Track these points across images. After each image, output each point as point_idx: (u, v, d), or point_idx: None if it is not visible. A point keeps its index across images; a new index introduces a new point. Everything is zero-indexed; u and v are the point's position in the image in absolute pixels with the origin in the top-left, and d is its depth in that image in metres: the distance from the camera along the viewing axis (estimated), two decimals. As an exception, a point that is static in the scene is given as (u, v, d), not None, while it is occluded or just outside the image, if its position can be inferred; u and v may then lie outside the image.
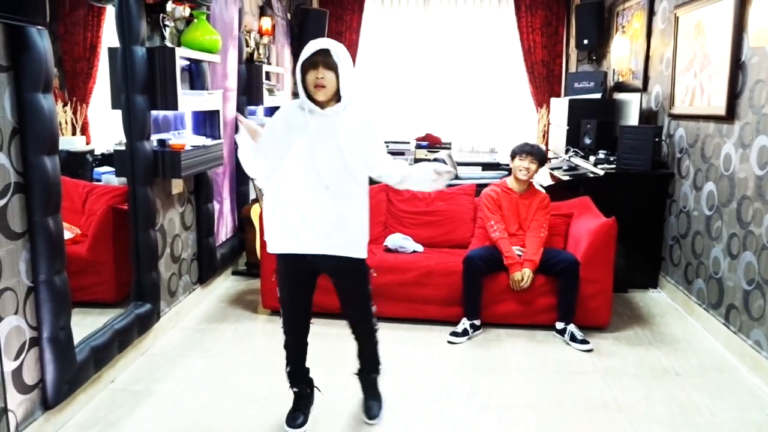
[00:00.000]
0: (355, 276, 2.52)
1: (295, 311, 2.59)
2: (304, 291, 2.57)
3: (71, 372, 2.56)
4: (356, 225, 2.44)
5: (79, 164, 3.55)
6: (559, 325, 3.59)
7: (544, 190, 3.94)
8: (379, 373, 2.76)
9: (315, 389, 2.74)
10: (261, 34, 5.29)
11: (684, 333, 3.70)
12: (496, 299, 3.66)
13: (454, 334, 3.54)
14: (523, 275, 3.56)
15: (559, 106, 6.04)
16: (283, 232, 2.42)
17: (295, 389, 2.66)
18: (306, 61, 2.29)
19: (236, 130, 4.60)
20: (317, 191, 2.37)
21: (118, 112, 3.13)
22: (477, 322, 3.62)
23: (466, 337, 3.54)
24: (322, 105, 2.35)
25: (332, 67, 2.29)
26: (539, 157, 3.74)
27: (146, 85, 3.15)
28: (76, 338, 2.70)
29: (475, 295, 3.59)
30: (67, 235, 3.45)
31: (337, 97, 2.36)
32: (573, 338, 3.50)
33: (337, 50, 2.29)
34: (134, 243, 3.22)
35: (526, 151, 3.72)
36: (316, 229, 2.38)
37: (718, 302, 3.59)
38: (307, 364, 2.70)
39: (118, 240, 3.38)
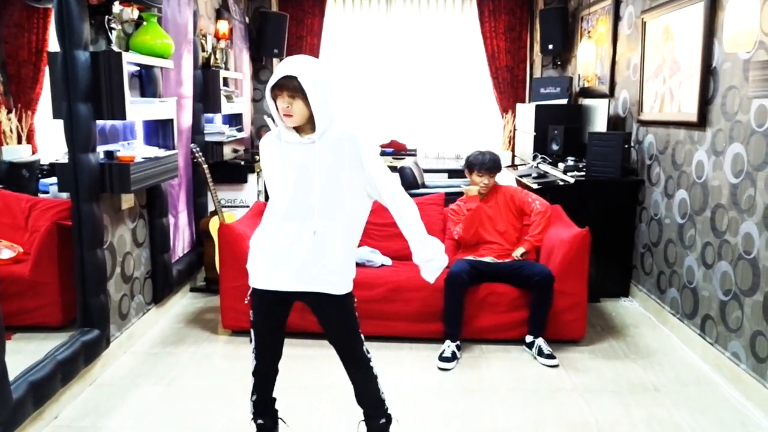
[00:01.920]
0: (338, 310, 2.29)
1: (269, 336, 2.37)
2: (281, 315, 2.36)
3: (6, 412, 2.30)
4: (340, 262, 2.22)
5: (24, 175, 3.29)
6: (529, 338, 3.47)
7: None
8: (390, 421, 2.45)
9: (280, 421, 2.53)
10: (218, 38, 5.06)
11: (659, 344, 3.62)
12: (472, 313, 3.51)
13: (443, 359, 3.35)
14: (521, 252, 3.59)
15: (526, 111, 5.96)
16: (258, 267, 2.26)
17: (259, 421, 2.44)
18: (273, 87, 2.09)
19: (192, 140, 4.40)
20: (292, 227, 2.18)
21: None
22: (458, 343, 3.45)
23: (456, 361, 3.36)
24: (300, 131, 2.15)
25: (299, 94, 2.05)
26: (497, 168, 3.73)
27: (90, 92, 2.90)
28: (15, 370, 2.46)
29: (458, 313, 3.44)
30: (8, 254, 3.20)
31: (312, 124, 2.13)
32: (540, 353, 3.37)
33: (307, 74, 2.03)
34: (79, 264, 2.96)
35: (485, 168, 3.68)
36: (288, 269, 2.20)
37: (693, 312, 3.52)
38: (274, 393, 2.49)
39: (63, 259, 3.12)
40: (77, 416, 2.76)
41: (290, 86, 2.04)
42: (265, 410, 2.44)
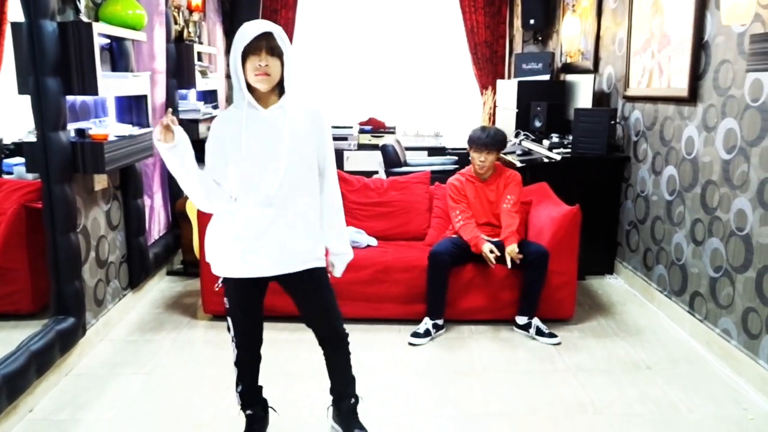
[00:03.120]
0: (321, 284, 2.22)
1: (247, 321, 2.26)
2: (258, 298, 2.25)
3: (-23, 408, 2.16)
4: (309, 237, 2.15)
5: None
6: (522, 320, 3.41)
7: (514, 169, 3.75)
8: (358, 400, 2.42)
9: (270, 410, 2.43)
10: (190, 10, 4.84)
11: (647, 321, 3.61)
12: (458, 294, 3.45)
13: (415, 335, 3.30)
14: (512, 249, 3.31)
15: (507, 88, 5.87)
16: (229, 256, 2.12)
17: (248, 412, 2.34)
18: (247, 47, 1.96)
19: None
20: (260, 210, 2.07)
21: (28, 98, 2.69)
22: (440, 322, 3.39)
23: (429, 338, 3.31)
24: (263, 103, 2.05)
25: (277, 53, 1.99)
26: (496, 145, 3.51)
27: (59, 66, 2.72)
28: (-16, 364, 2.31)
29: (440, 293, 3.36)
30: (-28, 239, 3.01)
31: (279, 90, 2.07)
32: (539, 332, 3.34)
33: (281, 34, 2.00)
34: (52, 249, 2.79)
35: (481, 144, 3.50)
36: (263, 253, 2.09)
37: (682, 289, 3.51)
38: (260, 381, 2.39)
39: (33, 243, 2.96)
40: (54, 409, 2.62)
41: (268, 45, 1.97)
42: (253, 400, 2.35)
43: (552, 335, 3.31)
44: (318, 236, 2.20)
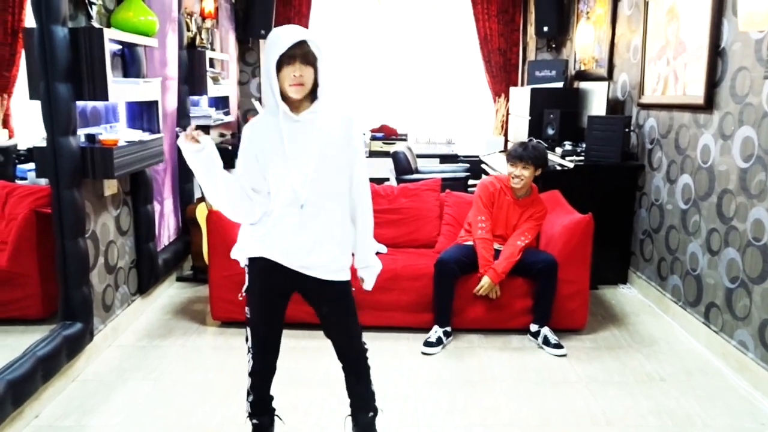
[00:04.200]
0: (345, 297, 2.19)
1: (267, 332, 2.22)
2: (280, 308, 2.22)
3: (-17, 413, 2.15)
4: (336, 245, 2.11)
5: (0, 161, 3.11)
6: (533, 328, 3.37)
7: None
8: (377, 414, 2.36)
9: (276, 419, 2.40)
10: (203, 17, 4.87)
11: (662, 332, 3.54)
12: (467, 303, 3.40)
13: (427, 344, 3.26)
14: (482, 286, 3.29)
15: (520, 95, 5.83)
16: (263, 241, 2.10)
17: (255, 421, 2.31)
18: (282, 56, 1.94)
19: (178, 123, 4.22)
20: (290, 214, 2.05)
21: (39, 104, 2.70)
22: (449, 329, 3.35)
23: (441, 347, 3.27)
24: (295, 108, 2.03)
25: (311, 61, 1.97)
26: (534, 160, 3.34)
27: (70, 71, 2.72)
28: (-9, 369, 2.31)
29: (448, 301, 3.32)
30: (-17, 244, 3.02)
31: (311, 95, 2.04)
32: (546, 342, 3.28)
33: (315, 40, 1.98)
34: (60, 254, 2.79)
35: (516, 156, 3.35)
36: (291, 249, 2.08)
37: (697, 300, 3.44)
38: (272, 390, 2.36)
39: (43, 248, 2.96)
40: (60, 415, 2.61)
41: (302, 53, 1.95)
42: (262, 410, 2.31)
43: (558, 346, 3.24)
44: (345, 246, 2.15)
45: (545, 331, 3.32)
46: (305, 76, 1.96)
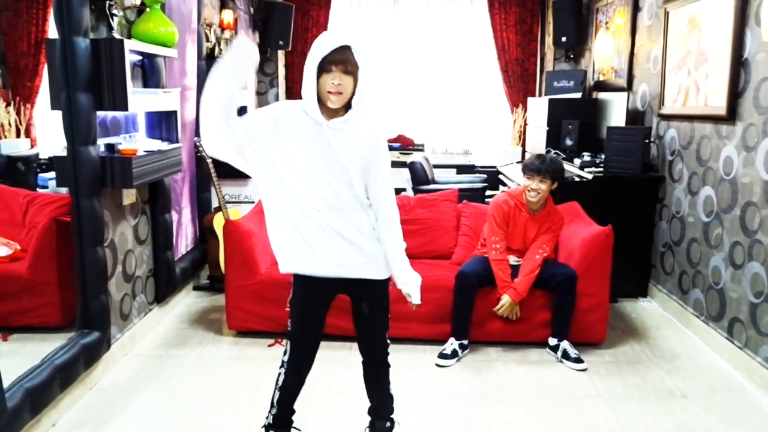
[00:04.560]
0: (383, 295, 2.22)
1: (307, 346, 2.22)
2: (321, 321, 2.22)
3: (0, 421, 2.15)
4: (369, 244, 2.11)
5: (21, 170, 3.15)
6: (552, 341, 3.32)
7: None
8: (393, 426, 2.37)
9: (293, 430, 2.38)
10: (222, 28, 4.91)
11: (683, 347, 3.47)
12: (486, 316, 3.36)
13: (442, 356, 3.23)
14: (502, 306, 3.26)
15: (538, 105, 5.80)
16: (299, 253, 2.07)
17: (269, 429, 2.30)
18: (323, 60, 1.90)
19: (196, 133, 4.24)
20: (323, 213, 2.03)
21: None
22: (465, 342, 3.32)
23: (456, 359, 3.24)
24: (328, 114, 2.00)
25: (351, 70, 1.92)
26: (552, 173, 3.27)
27: (91, 81, 2.75)
28: (10, 376, 2.33)
29: (467, 314, 3.29)
30: (5, 251, 3.05)
31: (347, 105, 2.01)
32: (566, 356, 3.23)
33: (360, 48, 1.92)
34: (79, 263, 2.81)
35: (533, 169, 3.29)
36: (327, 254, 2.06)
37: (720, 314, 3.37)
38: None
39: (63, 256, 2.98)
40: (77, 423, 2.62)
41: (344, 60, 1.90)
42: (283, 422, 2.30)
43: (578, 360, 3.20)
44: (378, 246, 2.13)
45: (565, 344, 3.27)
46: (344, 85, 1.92)
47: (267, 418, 2.27)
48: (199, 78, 4.25)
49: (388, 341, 2.32)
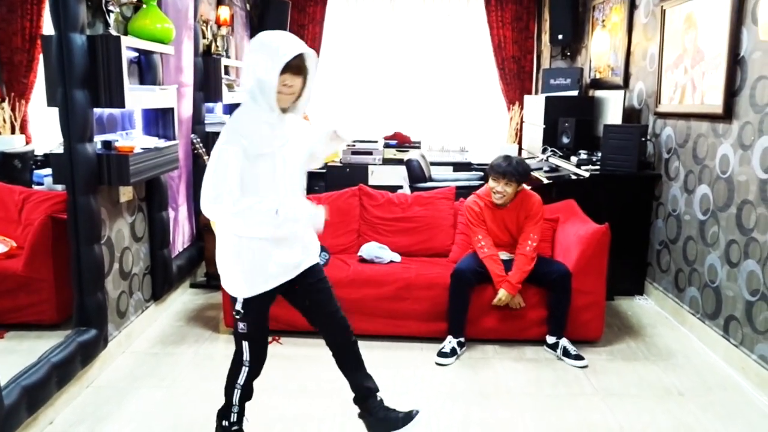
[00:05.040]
0: (324, 279, 2.34)
1: (263, 343, 2.31)
2: (268, 318, 2.32)
3: (-3, 420, 2.15)
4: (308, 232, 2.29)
5: (17, 166, 3.13)
6: (551, 340, 3.33)
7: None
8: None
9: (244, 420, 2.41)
10: (219, 24, 4.89)
11: (679, 345, 3.48)
12: (481, 313, 3.37)
13: (442, 355, 3.23)
14: (499, 299, 3.27)
15: (534, 103, 5.80)
16: (269, 265, 2.16)
17: (234, 428, 2.33)
18: (287, 63, 1.99)
19: (193, 130, 4.23)
20: (287, 207, 2.11)
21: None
22: (462, 339, 3.32)
23: (455, 357, 3.24)
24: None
25: (303, 73, 2.07)
26: (517, 177, 3.32)
27: (87, 78, 2.74)
28: (7, 374, 2.33)
29: (463, 311, 3.29)
30: (0, 248, 3.04)
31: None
32: (566, 353, 3.24)
33: (312, 54, 2.07)
34: (75, 260, 2.80)
35: (500, 172, 3.32)
36: (300, 246, 2.23)
37: (716, 312, 3.38)
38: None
39: (59, 254, 2.97)
40: (74, 421, 2.61)
41: (300, 65, 2.04)
42: (240, 419, 2.35)
43: (579, 357, 3.21)
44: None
45: (564, 342, 3.28)
46: (296, 86, 2.06)
47: (230, 416, 2.31)
48: (195, 75, 4.24)
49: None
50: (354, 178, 5.86)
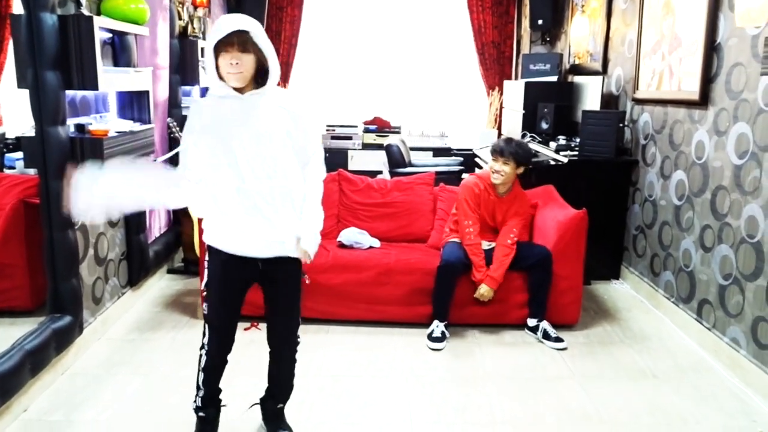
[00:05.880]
0: (295, 276, 2.25)
1: (226, 326, 2.25)
2: (238, 301, 2.26)
3: (-31, 408, 2.11)
4: (288, 220, 2.13)
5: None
6: (531, 322, 3.36)
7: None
8: (284, 407, 2.44)
9: (221, 407, 2.40)
10: (195, 5, 4.79)
11: (653, 328, 3.54)
12: (463, 298, 3.38)
13: (433, 339, 3.24)
14: (482, 294, 3.30)
15: (514, 88, 5.81)
16: (217, 231, 2.15)
17: (202, 414, 2.32)
18: (219, 42, 1.96)
19: (169, 114, 4.15)
20: (243, 189, 2.07)
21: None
22: (447, 323, 3.34)
23: (446, 341, 3.26)
24: (239, 90, 2.05)
25: (250, 49, 1.99)
26: (516, 156, 3.30)
27: (59, 59, 2.67)
28: (-23, 362, 2.27)
29: (449, 298, 3.33)
30: (-29, 234, 2.97)
31: (254, 82, 2.07)
32: (546, 336, 3.28)
33: (256, 30, 1.99)
34: (48, 246, 2.75)
35: (498, 150, 3.34)
36: (247, 236, 2.11)
37: (689, 296, 3.44)
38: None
39: (32, 239, 2.91)
40: (48, 409, 2.58)
41: (240, 41, 1.96)
42: (211, 404, 2.34)
43: (558, 339, 3.25)
44: (293, 225, 2.16)
45: (544, 325, 3.31)
46: (243, 63, 1.97)
47: (195, 401, 2.31)
48: (171, 57, 4.16)
49: (299, 337, 2.36)
50: (333, 163, 5.82)
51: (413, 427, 2.53)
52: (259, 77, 2.06)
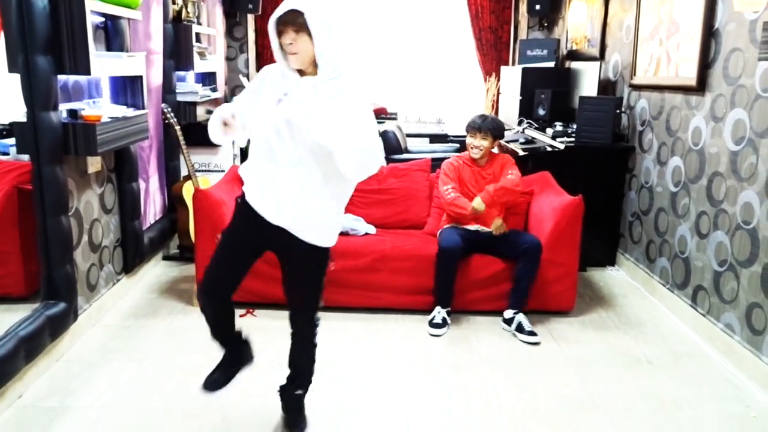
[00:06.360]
0: (307, 260, 2.18)
1: (223, 267, 2.19)
2: (242, 260, 2.20)
3: (-37, 395, 2.11)
4: (322, 211, 2.09)
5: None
6: (508, 314, 3.29)
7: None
8: (306, 392, 2.41)
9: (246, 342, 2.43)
10: (189, -11, 4.73)
11: (649, 315, 3.55)
12: (460, 284, 3.37)
13: (434, 325, 3.25)
14: (474, 209, 3.34)
15: (511, 74, 5.78)
16: (247, 183, 2.16)
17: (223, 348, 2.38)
18: (278, 20, 1.94)
19: (163, 99, 4.11)
20: (264, 162, 2.07)
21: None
22: (449, 309, 3.34)
23: (447, 327, 3.27)
24: (300, 73, 2.03)
25: (304, 31, 1.91)
26: (492, 131, 3.47)
27: (50, 43, 2.63)
28: (-27, 347, 2.26)
29: (450, 284, 3.33)
30: (-35, 220, 2.96)
31: (316, 67, 2.00)
32: (520, 329, 3.21)
33: (316, 12, 1.89)
34: (42, 232, 2.73)
35: (475, 127, 3.48)
36: (275, 202, 2.08)
37: (684, 282, 3.45)
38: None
39: (26, 225, 2.90)
40: (43, 395, 2.57)
41: (296, 21, 1.91)
42: (229, 341, 2.37)
43: (532, 333, 3.18)
44: (330, 217, 2.13)
45: (520, 317, 3.25)
46: (298, 44, 1.93)
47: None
48: (165, 42, 4.12)
49: (318, 320, 2.34)
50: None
51: (408, 413, 2.53)
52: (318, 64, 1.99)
